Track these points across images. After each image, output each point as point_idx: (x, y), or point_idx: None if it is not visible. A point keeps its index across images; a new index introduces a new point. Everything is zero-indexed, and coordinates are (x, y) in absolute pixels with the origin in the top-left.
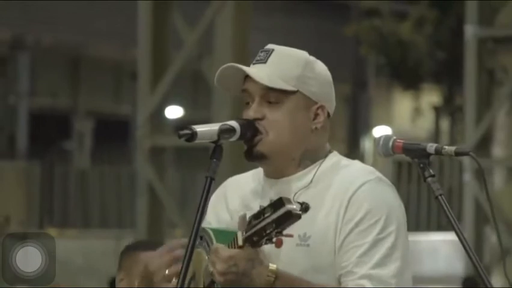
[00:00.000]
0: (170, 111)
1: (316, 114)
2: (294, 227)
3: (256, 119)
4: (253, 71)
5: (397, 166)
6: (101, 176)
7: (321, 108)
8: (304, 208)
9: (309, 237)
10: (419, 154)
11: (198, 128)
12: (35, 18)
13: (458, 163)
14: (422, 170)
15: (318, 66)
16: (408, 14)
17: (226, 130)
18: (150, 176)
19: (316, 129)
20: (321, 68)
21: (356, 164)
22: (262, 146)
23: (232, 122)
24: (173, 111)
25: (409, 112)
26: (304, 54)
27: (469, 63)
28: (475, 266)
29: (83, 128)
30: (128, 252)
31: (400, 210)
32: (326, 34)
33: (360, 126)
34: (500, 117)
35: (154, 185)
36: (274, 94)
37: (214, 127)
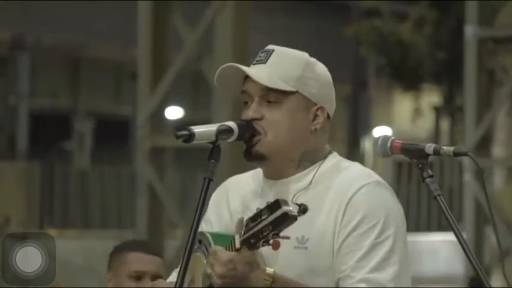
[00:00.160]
0: (171, 112)
1: (315, 116)
2: (292, 229)
3: (254, 119)
4: (253, 71)
5: (397, 166)
6: (101, 176)
7: (321, 109)
8: (303, 210)
9: (307, 239)
10: (418, 154)
11: (196, 128)
12: (35, 18)
13: (459, 163)
14: (421, 170)
15: (318, 68)
16: (408, 14)
17: (224, 131)
18: (150, 176)
19: (316, 130)
20: (321, 69)
21: (355, 166)
22: (260, 146)
23: (230, 123)
24: (173, 112)
25: (409, 112)
26: (305, 55)
27: (469, 63)
28: (473, 266)
29: (83, 128)
30: (116, 252)
31: (398, 213)
32: (326, 34)
33: (360, 127)
34: (500, 118)
35: (154, 185)
36: (273, 94)
37: (212, 128)
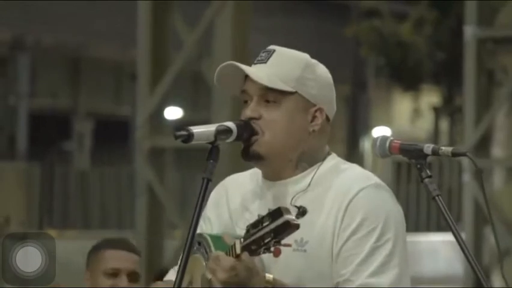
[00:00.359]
0: (170, 112)
1: (314, 117)
2: None
3: (252, 118)
4: (253, 70)
5: (397, 167)
6: (101, 177)
7: (320, 110)
8: (302, 212)
9: (306, 242)
10: (416, 155)
11: (195, 129)
12: (35, 18)
13: (458, 164)
14: (420, 170)
15: (318, 69)
16: (408, 14)
17: (223, 131)
18: (150, 177)
19: (314, 131)
20: (321, 70)
21: (354, 168)
22: (258, 146)
23: (229, 123)
24: (172, 112)
25: (409, 113)
26: (306, 57)
27: (469, 63)
28: (471, 266)
29: (83, 128)
30: (93, 251)
31: (398, 215)
32: (326, 35)
33: (359, 127)
34: (500, 118)
35: (154, 185)
36: (272, 94)
37: (211, 128)
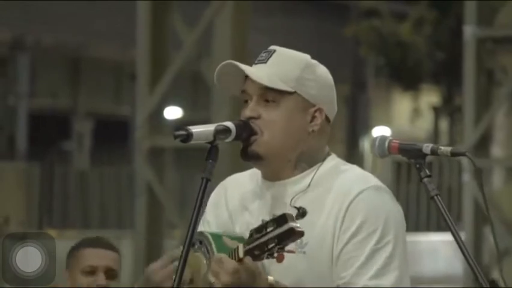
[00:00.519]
0: (170, 112)
1: (313, 117)
2: None
3: (251, 117)
4: (252, 70)
5: (396, 166)
6: (100, 177)
7: (319, 111)
8: (301, 213)
9: (306, 244)
10: (415, 154)
11: (194, 128)
12: (35, 18)
13: (458, 163)
14: (419, 170)
15: (319, 70)
16: (407, 14)
17: (222, 131)
18: (149, 177)
19: (313, 131)
20: (322, 71)
21: (353, 170)
22: (257, 146)
23: (228, 123)
24: (172, 112)
25: (408, 112)
26: (306, 57)
27: (468, 63)
28: (470, 266)
29: (83, 128)
30: (72, 251)
31: (398, 217)
32: (326, 34)
33: (359, 127)
34: (499, 118)
35: (153, 185)
36: (271, 94)
37: (210, 128)
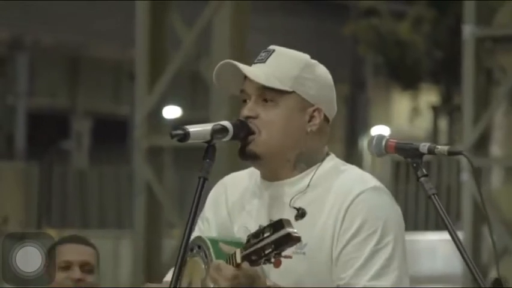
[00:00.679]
0: (168, 111)
1: (312, 117)
2: None
3: (249, 117)
4: (250, 69)
5: (395, 166)
6: (99, 176)
7: (318, 110)
8: (301, 214)
9: (305, 244)
10: (412, 154)
11: (191, 128)
12: (33, 18)
13: (457, 162)
14: (416, 169)
15: (318, 69)
16: (406, 13)
17: (219, 130)
18: (148, 176)
19: (312, 131)
20: (321, 71)
21: (353, 170)
22: (254, 145)
23: (225, 122)
24: (171, 111)
25: (407, 112)
26: (305, 57)
27: (467, 62)
28: (467, 264)
29: (82, 128)
30: (49, 251)
31: (397, 217)
32: (324, 34)
33: (358, 126)
34: (498, 117)
35: (152, 185)
36: (270, 93)
37: (207, 127)
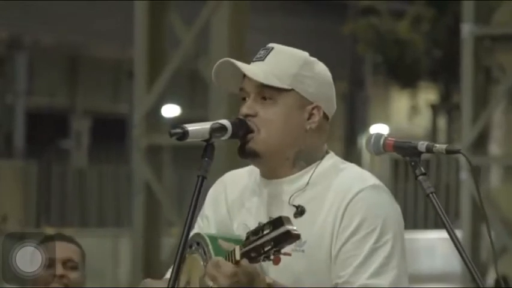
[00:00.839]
0: (167, 110)
1: (311, 114)
2: None
3: (248, 115)
4: (249, 67)
5: (394, 164)
6: (98, 175)
7: (317, 108)
8: (300, 212)
9: (305, 242)
10: (410, 152)
11: (189, 126)
12: (32, 17)
13: (456, 161)
14: (414, 168)
15: (317, 67)
16: (405, 12)
17: (218, 129)
18: (147, 175)
19: (311, 129)
20: (320, 68)
21: (352, 168)
22: (254, 143)
23: (224, 121)
24: (170, 110)
25: (406, 110)
26: (304, 54)
27: (466, 61)
28: (465, 263)
29: (81, 127)
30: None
31: (396, 216)
32: (324, 33)
33: (357, 125)
34: (497, 115)
35: (151, 183)
36: (268, 91)
37: (206, 126)
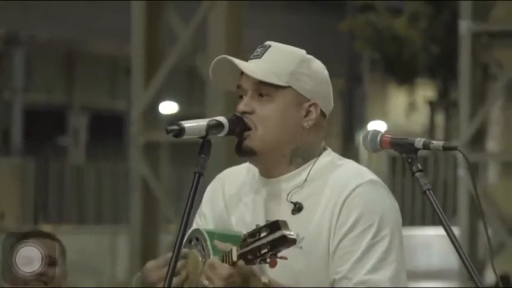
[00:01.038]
0: (165, 107)
1: (308, 112)
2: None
3: (245, 112)
4: (247, 65)
5: (392, 161)
6: (96, 172)
7: (314, 105)
8: (298, 208)
9: (302, 238)
10: (407, 149)
11: (186, 123)
12: (30, 14)
13: (453, 157)
14: (411, 164)
15: (314, 65)
16: (403, 9)
17: (214, 126)
18: (145, 172)
19: (308, 126)
20: (317, 66)
21: (350, 164)
22: (251, 141)
23: (221, 118)
24: (167, 107)
25: (404, 107)
26: (301, 52)
27: (464, 58)
28: (462, 260)
29: (78, 123)
30: (10, 249)
31: (394, 211)
32: (321, 29)
33: (355, 121)
34: (495, 112)
35: (149, 180)
36: (266, 89)
37: (202, 123)
